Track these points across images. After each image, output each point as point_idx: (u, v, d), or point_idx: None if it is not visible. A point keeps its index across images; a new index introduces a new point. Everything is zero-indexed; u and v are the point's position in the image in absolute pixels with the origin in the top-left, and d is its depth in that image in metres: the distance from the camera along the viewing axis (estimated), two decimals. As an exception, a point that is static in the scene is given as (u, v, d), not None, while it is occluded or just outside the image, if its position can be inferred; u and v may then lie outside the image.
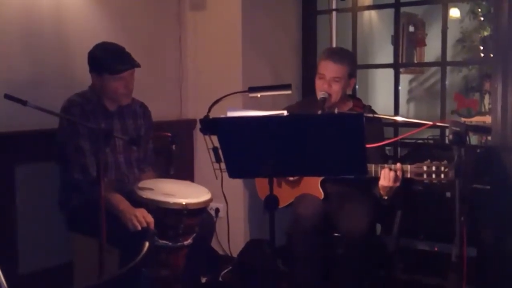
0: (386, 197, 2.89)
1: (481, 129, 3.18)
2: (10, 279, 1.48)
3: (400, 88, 4.14)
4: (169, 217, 2.68)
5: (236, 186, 3.76)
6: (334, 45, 4.25)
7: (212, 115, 2.98)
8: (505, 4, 3.45)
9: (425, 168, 2.68)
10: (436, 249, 3.43)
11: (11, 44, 3.03)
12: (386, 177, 2.77)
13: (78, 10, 3.33)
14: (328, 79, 3.08)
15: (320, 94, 3.08)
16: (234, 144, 2.26)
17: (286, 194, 3.24)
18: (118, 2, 3.57)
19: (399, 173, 2.75)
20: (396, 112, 4.06)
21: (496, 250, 3.27)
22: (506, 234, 3.27)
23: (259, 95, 3.19)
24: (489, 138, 4.11)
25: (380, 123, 3.22)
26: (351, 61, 3.18)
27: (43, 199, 3.09)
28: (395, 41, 4.28)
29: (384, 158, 3.05)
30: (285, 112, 2.98)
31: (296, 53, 4.38)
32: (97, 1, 3.43)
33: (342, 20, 4.39)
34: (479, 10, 7.73)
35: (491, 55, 4.07)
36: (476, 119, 6.81)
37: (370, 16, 7.06)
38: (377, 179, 2.81)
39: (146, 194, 2.73)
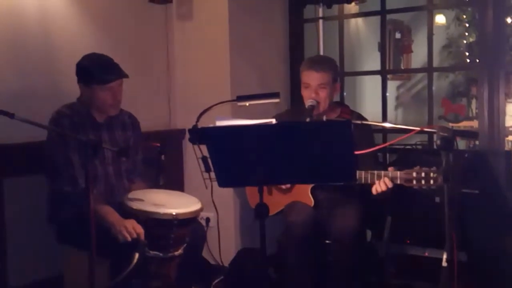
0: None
1: (468, 134, 3.21)
2: (0, 293, 1.48)
3: (387, 94, 4.16)
4: (159, 227, 2.67)
5: (226, 195, 3.76)
6: (321, 53, 4.27)
7: (200, 124, 2.99)
8: (489, 11, 3.50)
9: (414, 174, 2.69)
10: (426, 254, 3.43)
11: (-2, 56, 3.02)
12: (381, 191, 2.77)
13: (65, 21, 3.33)
14: (314, 88, 3.10)
15: (308, 102, 3.09)
16: (223, 153, 2.26)
17: (276, 202, 3.24)
18: (105, 13, 3.58)
19: (387, 181, 2.75)
20: (384, 119, 4.08)
21: (487, 254, 3.29)
22: (496, 238, 3.29)
23: (247, 104, 3.20)
24: (477, 142, 4.15)
25: (370, 129, 3.23)
26: (333, 66, 3.21)
27: (32, 212, 3.07)
28: (382, 48, 4.30)
29: (377, 165, 3.06)
30: (273, 121, 2.98)
31: (284, 62, 4.39)
32: (84, 12, 3.43)
33: (329, 28, 4.41)
34: (464, 16, 7.81)
35: (477, 61, 4.11)
36: (464, 124, 6.87)
37: (357, 24, 7.11)
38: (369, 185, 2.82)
39: (136, 205, 2.72)
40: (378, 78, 4.18)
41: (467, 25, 7.86)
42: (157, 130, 3.92)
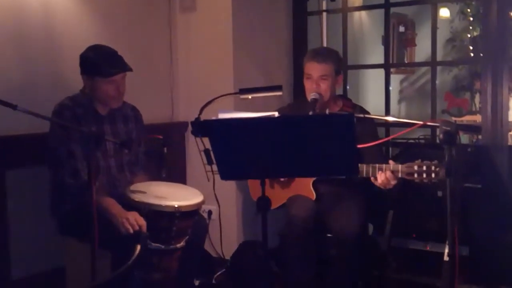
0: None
1: (471, 128, 3.20)
2: (2, 284, 1.47)
3: (391, 88, 4.15)
4: (161, 220, 2.67)
5: (228, 188, 3.76)
6: (325, 46, 4.26)
7: (203, 117, 2.98)
8: (494, 5, 3.48)
9: (416, 167, 2.68)
10: (428, 248, 3.44)
11: (1, 48, 3.01)
12: (382, 183, 2.77)
13: (68, 12, 3.32)
14: (316, 79, 3.10)
15: (311, 95, 3.08)
16: (226, 146, 2.26)
17: (278, 195, 3.24)
18: (108, 5, 3.57)
19: (388, 174, 2.74)
20: (387, 112, 4.07)
21: (488, 248, 3.29)
22: (498, 232, 3.29)
23: (250, 97, 3.20)
24: (480, 137, 4.14)
25: (373, 123, 3.23)
26: (336, 58, 3.20)
27: (35, 204, 3.08)
28: (386, 41, 4.29)
29: (383, 158, 3.06)
30: (276, 114, 2.98)
31: (287, 55, 4.39)
32: (87, 4, 3.43)
33: (332, 21, 4.40)
34: (468, 10, 7.77)
35: (481, 55, 4.09)
36: (467, 118, 6.84)
37: (361, 17, 7.08)
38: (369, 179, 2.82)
39: (138, 197, 2.72)
40: (381, 72, 4.17)
41: (471, 19, 7.82)
42: (159, 123, 3.92)
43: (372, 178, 2.77)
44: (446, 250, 2.22)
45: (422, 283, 3.40)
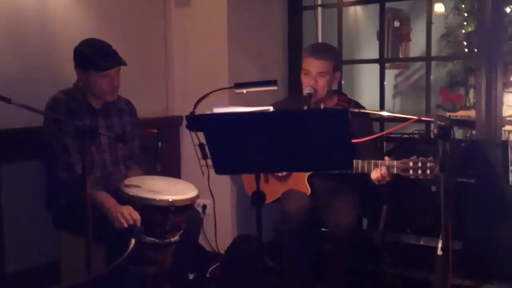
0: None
1: (465, 123, 3.22)
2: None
3: (385, 83, 4.16)
4: (155, 214, 2.67)
5: (223, 182, 3.76)
6: (320, 40, 4.26)
7: (198, 111, 2.98)
8: (489, 0, 3.49)
9: (411, 164, 2.69)
10: (421, 242, 3.45)
11: (-5, 41, 3.00)
12: (376, 179, 2.79)
13: (63, 6, 3.31)
14: (314, 75, 3.10)
15: (306, 90, 3.09)
16: (221, 140, 2.26)
17: (273, 190, 3.25)
18: (103, -1, 3.56)
19: (384, 171, 2.76)
20: (382, 107, 4.08)
21: (481, 243, 3.31)
22: (491, 227, 3.31)
23: (245, 91, 3.20)
24: (474, 132, 4.16)
25: (368, 118, 3.23)
26: (334, 55, 3.20)
27: (29, 198, 3.08)
28: (381, 36, 4.29)
29: (378, 153, 3.06)
30: (271, 108, 2.98)
31: (282, 49, 4.38)
32: (81, -3, 3.42)
33: (327, 16, 4.40)
34: (463, 6, 7.80)
35: (475, 50, 4.10)
36: (461, 113, 6.87)
37: (356, 12, 7.09)
38: (366, 174, 2.83)
39: (133, 191, 2.72)
40: (376, 67, 4.18)
41: (465, 14, 7.86)
42: (154, 117, 3.91)
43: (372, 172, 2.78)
44: (440, 245, 2.24)
45: (416, 277, 3.42)
